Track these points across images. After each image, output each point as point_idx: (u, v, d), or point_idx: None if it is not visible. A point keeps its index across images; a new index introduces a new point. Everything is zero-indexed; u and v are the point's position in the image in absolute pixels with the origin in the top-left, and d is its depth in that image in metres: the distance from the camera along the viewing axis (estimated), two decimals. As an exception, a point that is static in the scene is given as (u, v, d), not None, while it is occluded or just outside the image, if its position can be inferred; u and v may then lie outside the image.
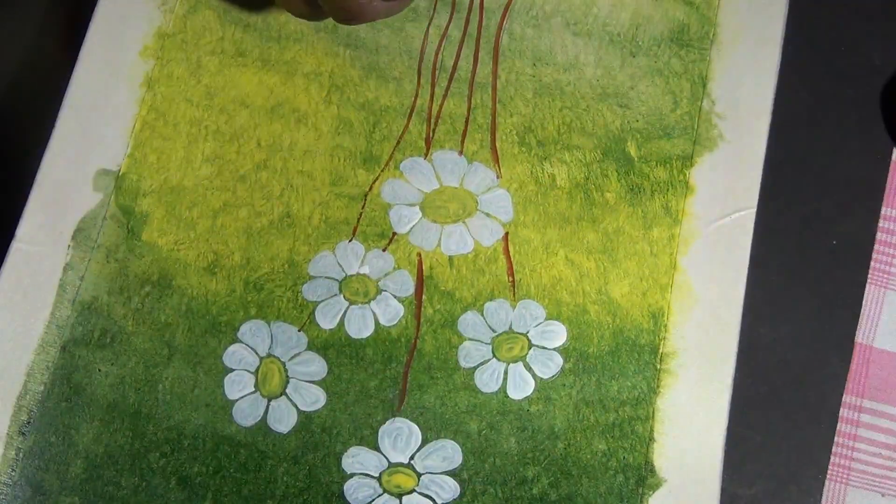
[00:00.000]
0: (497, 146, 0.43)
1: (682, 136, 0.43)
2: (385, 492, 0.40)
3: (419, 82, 0.44)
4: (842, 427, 0.42)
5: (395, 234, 0.42)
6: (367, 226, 0.42)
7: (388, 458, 0.40)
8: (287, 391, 0.41)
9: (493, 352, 0.41)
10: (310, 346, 0.41)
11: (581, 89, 0.44)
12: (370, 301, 0.42)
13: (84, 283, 0.41)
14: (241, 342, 0.41)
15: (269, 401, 0.41)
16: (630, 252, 0.42)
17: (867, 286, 0.44)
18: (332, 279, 0.42)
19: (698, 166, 0.43)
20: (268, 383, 0.41)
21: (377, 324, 0.41)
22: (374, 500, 0.40)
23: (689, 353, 0.41)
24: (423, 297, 0.42)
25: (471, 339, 0.41)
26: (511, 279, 0.42)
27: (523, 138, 0.43)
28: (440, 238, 0.42)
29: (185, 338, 0.41)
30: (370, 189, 0.43)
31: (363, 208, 0.42)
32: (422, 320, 0.41)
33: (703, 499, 0.39)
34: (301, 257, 0.42)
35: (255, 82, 0.44)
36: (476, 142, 0.43)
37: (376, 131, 0.43)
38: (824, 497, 0.42)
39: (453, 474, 0.40)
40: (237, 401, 0.41)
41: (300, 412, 0.41)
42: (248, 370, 0.41)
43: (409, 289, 0.42)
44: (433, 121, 0.43)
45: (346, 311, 0.41)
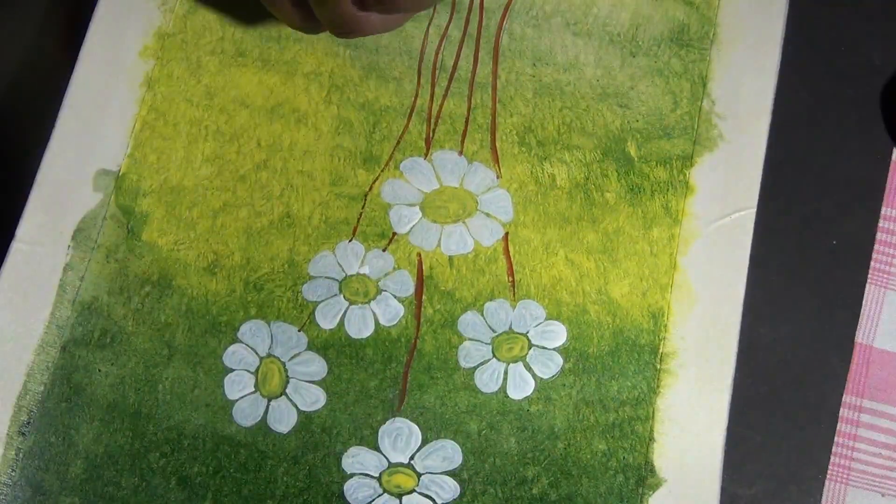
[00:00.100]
0: (497, 146, 0.43)
1: (682, 136, 0.43)
2: (385, 492, 0.40)
3: (419, 82, 0.44)
4: (842, 427, 0.42)
5: (395, 234, 0.42)
6: (367, 226, 0.42)
7: (388, 458, 0.40)
8: (287, 391, 0.41)
9: (493, 352, 0.41)
10: (310, 346, 0.41)
11: (581, 89, 0.43)
12: (370, 301, 0.42)
13: (84, 284, 0.41)
14: (241, 342, 0.41)
15: (269, 401, 0.41)
16: (630, 252, 0.42)
17: (867, 286, 0.44)
18: (332, 279, 0.42)
19: (698, 166, 0.42)
20: (268, 383, 0.41)
21: (377, 324, 0.41)
22: (374, 500, 0.40)
23: (689, 353, 0.41)
24: (423, 297, 0.42)
25: (471, 339, 0.41)
26: (511, 279, 0.42)
27: (523, 138, 0.43)
28: (440, 238, 0.42)
29: (185, 338, 0.41)
30: (370, 189, 0.43)
31: (363, 208, 0.42)
32: (422, 320, 0.41)
33: (703, 499, 0.39)
34: (301, 257, 0.42)
35: (255, 82, 0.44)
36: (476, 142, 0.43)
37: (376, 131, 0.43)
38: (824, 497, 0.42)
39: (453, 474, 0.40)
40: (237, 401, 0.41)
41: (300, 412, 0.41)
42: (248, 370, 0.41)
43: (409, 289, 0.42)
44: (433, 121, 0.43)
45: (346, 311, 0.41)
